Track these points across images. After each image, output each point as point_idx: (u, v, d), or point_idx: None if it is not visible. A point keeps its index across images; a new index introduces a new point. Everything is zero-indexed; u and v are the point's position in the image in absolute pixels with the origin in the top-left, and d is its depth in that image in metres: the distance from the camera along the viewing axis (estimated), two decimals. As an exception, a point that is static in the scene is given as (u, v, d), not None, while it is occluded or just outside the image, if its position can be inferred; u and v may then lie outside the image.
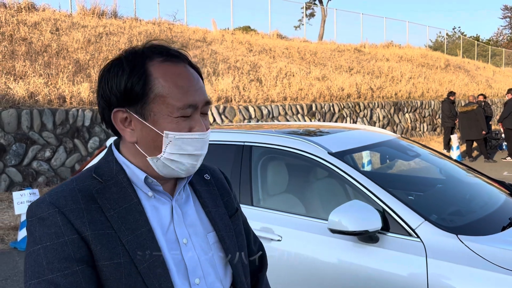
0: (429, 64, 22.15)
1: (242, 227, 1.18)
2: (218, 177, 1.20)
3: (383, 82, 16.63)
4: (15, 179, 7.49)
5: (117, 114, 0.99)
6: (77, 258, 0.88)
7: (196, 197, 1.10)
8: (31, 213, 0.93)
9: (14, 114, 7.61)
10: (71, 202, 0.93)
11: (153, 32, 13.92)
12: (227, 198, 1.17)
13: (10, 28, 10.81)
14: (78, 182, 0.97)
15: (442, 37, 32.23)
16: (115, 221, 0.94)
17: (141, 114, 0.97)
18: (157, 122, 0.96)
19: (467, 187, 3.07)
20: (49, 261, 0.87)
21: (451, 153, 11.04)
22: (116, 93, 0.97)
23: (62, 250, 0.88)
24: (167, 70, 0.97)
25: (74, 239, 0.89)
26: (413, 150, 3.24)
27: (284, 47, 17.45)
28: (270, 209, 2.70)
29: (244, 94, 11.71)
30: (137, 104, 0.96)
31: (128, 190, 0.98)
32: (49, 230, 0.89)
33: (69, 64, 10.14)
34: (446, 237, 2.08)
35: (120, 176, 0.99)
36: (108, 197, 0.96)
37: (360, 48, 21.34)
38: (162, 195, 1.02)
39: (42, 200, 0.93)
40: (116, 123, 0.99)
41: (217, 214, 1.10)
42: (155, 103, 0.95)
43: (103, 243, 0.91)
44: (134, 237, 0.93)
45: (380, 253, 2.17)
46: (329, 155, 2.56)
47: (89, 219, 0.92)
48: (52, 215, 0.90)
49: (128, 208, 0.96)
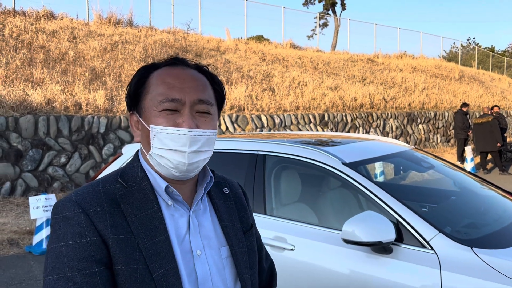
0: (443, 75, 22.01)
1: (255, 243, 1.19)
2: (237, 192, 1.21)
3: (396, 92, 16.56)
4: (31, 184, 7.61)
5: (131, 117, 1.09)
6: (96, 260, 0.91)
7: (214, 210, 1.12)
8: (56, 210, 0.96)
9: (31, 120, 7.76)
10: (96, 204, 0.96)
11: (168, 41, 14.10)
12: (243, 213, 1.18)
13: (29, 36, 11.05)
14: (104, 185, 1.01)
15: (456, 48, 32.03)
16: (135, 227, 0.96)
17: (139, 112, 1.05)
18: (147, 117, 1.02)
19: (481, 200, 3.05)
20: (70, 259, 0.90)
21: (465, 165, 10.92)
22: (128, 98, 1.07)
23: (83, 250, 0.91)
24: (163, 71, 1.04)
25: (96, 241, 0.92)
26: (427, 161, 3.23)
27: (297, 57, 17.52)
28: (283, 218, 2.72)
29: (256, 103, 11.77)
30: (138, 105, 1.05)
31: (150, 197, 1.01)
32: (72, 229, 0.93)
33: (85, 71, 10.31)
34: (461, 249, 2.07)
35: (144, 182, 1.02)
36: (131, 202, 0.99)
37: (373, 58, 21.30)
38: (181, 204, 1.04)
39: (69, 200, 0.97)
40: (131, 126, 1.09)
41: (232, 229, 1.11)
42: (145, 100, 1.03)
43: (122, 247, 0.94)
44: (152, 244, 0.96)
45: (393, 265, 2.17)
46: (343, 165, 2.57)
47: (111, 223, 0.95)
48: (76, 215, 0.94)
49: (149, 215, 0.99)
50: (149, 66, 1.07)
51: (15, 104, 8.00)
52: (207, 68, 1.11)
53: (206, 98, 1.04)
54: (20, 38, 10.85)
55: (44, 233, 5.31)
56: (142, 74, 1.05)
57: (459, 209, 2.94)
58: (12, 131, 7.56)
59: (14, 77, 9.05)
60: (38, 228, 5.35)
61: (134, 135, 1.09)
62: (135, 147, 3.86)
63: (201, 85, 1.05)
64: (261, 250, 1.25)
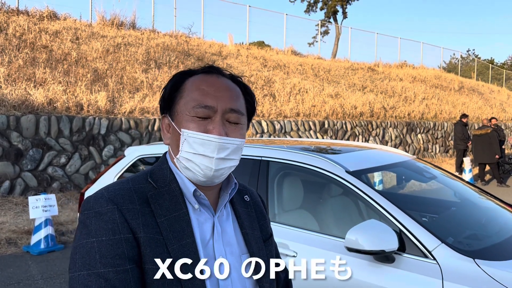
0: (443, 85, 22.11)
1: (274, 253, 1.20)
2: (256, 200, 1.22)
3: (396, 102, 16.63)
4: (30, 184, 7.60)
5: (163, 120, 1.10)
6: (129, 257, 0.92)
7: (235, 217, 1.13)
8: (88, 206, 0.96)
9: (32, 119, 7.76)
10: (128, 201, 0.97)
11: (170, 44, 14.14)
12: (262, 221, 1.19)
13: (32, 35, 11.07)
14: (134, 183, 1.01)
15: (456, 59, 32.17)
16: (165, 228, 0.97)
17: (172, 116, 1.07)
18: (179, 121, 1.04)
19: (482, 211, 3.07)
20: (102, 255, 0.90)
21: (463, 176, 10.95)
22: (162, 101, 1.09)
23: (117, 247, 0.91)
24: (198, 78, 1.07)
25: (129, 238, 0.93)
26: (429, 172, 3.25)
27: (298, 64, 17.58)
28: (286, 225, 2.73)
29: (257, 108, 11.77)
30: (171, 108, 1.07)
31: (179, 199, 1.02)
32: (106, 225, 0.92)
33: (87, 72, 10.33)
34: (463, 260, 2.09)
35: (173, 185, 1.04)
36: (161, 203, 1.00)
37: (373, 67, 21.39)
38: (206, 209, 1.06)
39: (101, 196, 0.97)
40: (162, 129, 1.10)
41: (253, 237, 1.12)
42: (178, 104, 1.05)
43: (152, 247, 0.94)
44: (179, 246, 0.97)
45: (395, 274, 2.18)
46: (347, 173, 2.59)
47: (143, 222, 0.96)
48: (110, 211, 0.94)
49: (177, 216, 1.00)
50: (185, 72, 1.09)
51: (16, 103, 8.01)
52: (241, 78, 1.13)
53: (238, 107, 1.06)
54: (23, 38, 10.87)
55: (42, 233, 5.30)
56: (178, 79, 1.08)
57: (460, 220, 2.96)
58: (13, 130, 7.56)
59: (17, 76, 9.06)
60: (36, 228, 5.33)
61: (164, 138, 1.10)
62: (137, 150, 3.87)
63: (234, 95, 1.07)
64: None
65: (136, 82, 10.90)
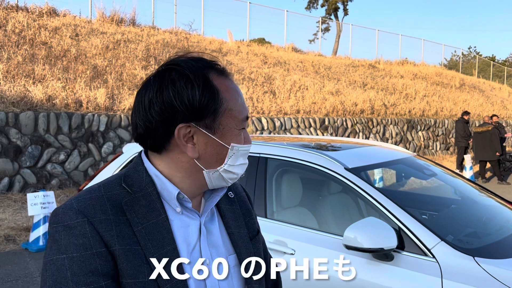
0: (444, 82, 22.05)
1: (262, 250, 1.15)
2: (241, 195, 1.16)
3: (397, 99, 16.58)
4: (29, 181, 7.59)
5: (185, 130, 0.94)
6: (103, 273, 0.85)
7: (220, 216, 1.07)
8: (56, 219, 0.88)
9: (31, 116, 7.74)
10: (100, 212, 0.89)
11: (170, 41, 14.10)
12: (248, 218, 1.13)
13: (32, 32, 11.04)
14: (107, 190, 0.93)
15: (457, 56, 32.09)
16: (142, 237, 0.90)
17: (210, 128, 0.95)
18: (225, 135, 0.96)
19: (483, 209, 3.04)
20: (74, 273, 0.84)
21: (464, 173, 10.93)
22: (188, 107, 0.92)
23: (89, 263, 0.84)
24: (226, 84, 0.97)
25: (102, 252, 0.86)
26: (430, 169, 3.22)
27: (298, 60, 17.54)
28: (284, 222, 2.70)
29: (257, 105, 11.76)
30: (206, 118, 0.94)
31: (157, 204, 0.94)
32: (76, 240, 0.85)
33: (87, 69, 10.30)
34: (463, 258, 2.06)
35: (149, 188, 0.95)
36: (137, 210, 0.92)
37: (374, 64, 21.34)
38: (190, 211, 1.00)
39: (70, 207, 0.89)
40: (179, 139, 0.94)
41: (239, 236, 1.06)
42: (223, 117, 0.95)
43: (129, 259, 0.87)
44: (160, 256, 0.90)
45: (394, 272, 2.16)
46: (346, 170, 2.56)
47: (117, 232, 0.88)
48: (80, 225, 0.86)
49: (155, 223, 0.93)
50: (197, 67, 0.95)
51: (15, 100, 7.98)
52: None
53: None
54: (22, 34, 10.83)
55: (41, 230, 5.29)
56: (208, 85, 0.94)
57: (460, 218, 2.93)
58: (12, 126, 7.53)
59: (15, 73, 9.03)
60: (35, 225, 5.32)
61: (185, 150, 0.95)
62: (136, 147, 3.84)
63: None
64: (267, 257, 1.21)
65: (135, 79, 10.86)
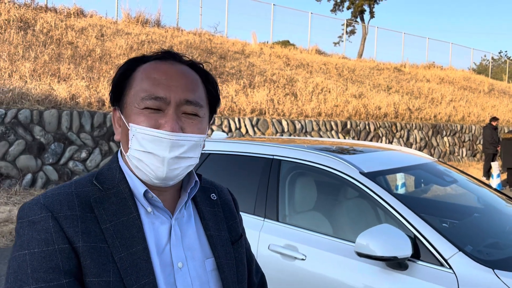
0: (472, 87, 21.48)
1: (245, 255, 1.08)
2: (226, 198, 1.11)
3: (422, 103, 16.23)
4: (51, 178, 7.73)
5: (114, 113, 0.99)
6: (65, 270, 0.81)
7: (199, 218, 1.02)
8: (22, 214, 0.86)
9: (55, 114, 7.89)
10: (66, 207, 0.86)
11: (194, 42, 14.19)
12: (232, 222, 1.08)
13: (59, 32, 11.28)
14: (77, 187, 0.90)
15: (487, 61, 31.25)
16: (110, 235, 0.86)
17: (121, 109, 0.96)
18: (127, 114, 0.93)
19: (507, 219, 2.90)
20: (34, 269, 0.80)
21: (491, 181, 10.57)
22: (111, 91, 0.97)
23: (50, 259, 0.81)
24: (150, 65, 0.94)
25: (65, 248, 0.82)
26: (450, 175, 3.09)
27: (322, 63, 17.38)
28: (296, 227, 2.63)
29: (278, 107, 11.69)
30: (120, 100, 0.96)
31: (128, 202, 0.91)
32: (39, 235, 0.82)
33: (110, 69, 10.45)
34: (481, 270, 1.95)
35: (122, 186, 0.92)
36: (106, 207, 0.89)
37: (400, 68, 20.96)
38: (161, 211, 0.95)
39: (36, 202, 0.86)
40: (113, 123, 1.00)
41: (219, 239, 1.01)
42: (127, 95, 0.94)
43: (94, 257, 0.84)
44: (128, 255, 0.86)
45: (408, 282, 2.06)
46: (361, 175, 2.47)
47: (82, 229, 0.85)
48: (44, 220, 0.83)
49: (125, 222, 0.89)
50: (137, 58, 0.97)
51: (40, 98, 8.15)
52: (202, 65, 1.01)
53: (195, 99, 0.94)
54: (49, 34, 11.09)
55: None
56: (128, 66, 0.95)
57: (482, 227, 2.79)
58: (36, 124, 7.70)
59: (42, 72, 9.24)
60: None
61: (115, 133, 0.98)
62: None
63: (191, 83, 0.95)
64: (251, 263, 1.14)
65: (158, 79, 10.97)
